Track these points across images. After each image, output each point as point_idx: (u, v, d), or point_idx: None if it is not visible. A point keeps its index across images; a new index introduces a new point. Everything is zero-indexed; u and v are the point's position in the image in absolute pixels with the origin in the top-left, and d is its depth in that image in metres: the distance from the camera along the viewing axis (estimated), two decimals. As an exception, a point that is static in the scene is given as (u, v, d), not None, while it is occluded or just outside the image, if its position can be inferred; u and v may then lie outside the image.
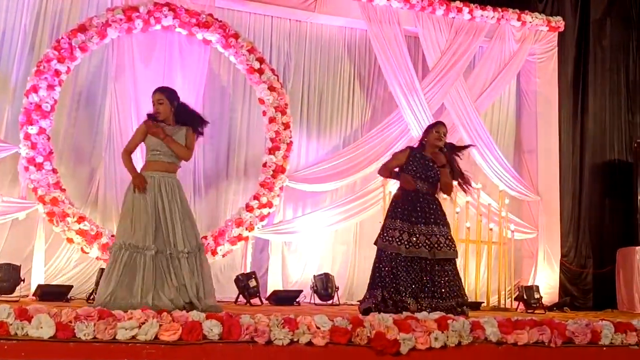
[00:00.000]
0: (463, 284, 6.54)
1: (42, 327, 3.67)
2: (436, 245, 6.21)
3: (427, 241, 6.19)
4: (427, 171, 6.38)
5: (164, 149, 5.74)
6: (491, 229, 9.88)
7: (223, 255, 8.75)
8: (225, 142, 9.42)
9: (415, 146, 6.61)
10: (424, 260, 6.17)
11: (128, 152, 5.85)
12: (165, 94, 5.87)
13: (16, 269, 7.54)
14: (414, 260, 6.16)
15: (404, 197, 6.35)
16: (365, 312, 5.77)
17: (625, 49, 11.71)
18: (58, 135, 8.43)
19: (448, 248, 6.26)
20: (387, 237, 6.25)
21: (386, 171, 6.65)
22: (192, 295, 5.50)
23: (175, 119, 5.86)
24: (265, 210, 8.92)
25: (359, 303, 6.63)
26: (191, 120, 5.91)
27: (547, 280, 10.26)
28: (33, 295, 7.54)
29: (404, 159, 6.44)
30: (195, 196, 9.06)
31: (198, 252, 5.71)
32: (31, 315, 3.72)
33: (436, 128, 6.55)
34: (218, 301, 6.03)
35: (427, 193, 6.39)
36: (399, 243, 6.17)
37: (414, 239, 6.18)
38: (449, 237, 6.34)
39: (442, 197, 6.59)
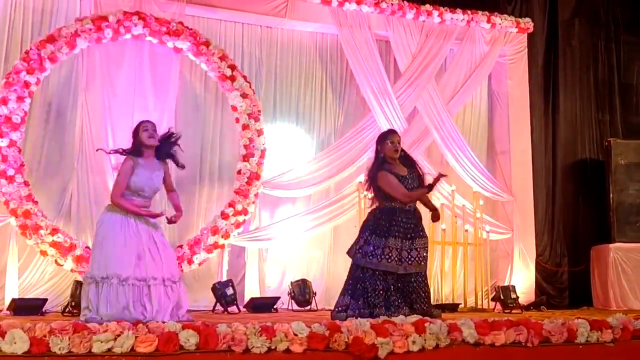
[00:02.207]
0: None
1: (16, 342, 3.63)
2: (416, 259, 6.14)
3: (409, 256, 6.11)
4: (413, 184, 6.29)
5: (149, 190, 5.85)
6: (466, 231, 9.93)
7: (199, 264, 8.71)
8: (198, 149, 9.36)
9: (384, 165, 6.30)
10: (408, 276, 6.10)
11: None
12: None
13: (-11, 283, 7.47)
14: (406, 276, 6.08)
15: (390, 213, 6.20)
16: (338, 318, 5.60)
17: (594, 49, 11.82)
18: (29, 147, 8.34)
19: (423, 261, 6.22)
20: (373, 254, 6.08)
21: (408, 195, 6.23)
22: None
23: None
24: (240, 218, 8.89)
25: (332, 310, 6.38)
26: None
27: (523, 279, 10.31)
28: (7, 309, 7.45)
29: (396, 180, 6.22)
30: (168, 204, 8.98)
31: (178, 283, 5.75)
32: (4, 330, 3.67)
33: (390, 139, 6.33)
34: (194, 310, 6.03)
35: (413, 207, 6.32)
36: (389, 260, 6.05)
37: (405, 253, 6.10)
38: (427, 248, 6.29)
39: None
